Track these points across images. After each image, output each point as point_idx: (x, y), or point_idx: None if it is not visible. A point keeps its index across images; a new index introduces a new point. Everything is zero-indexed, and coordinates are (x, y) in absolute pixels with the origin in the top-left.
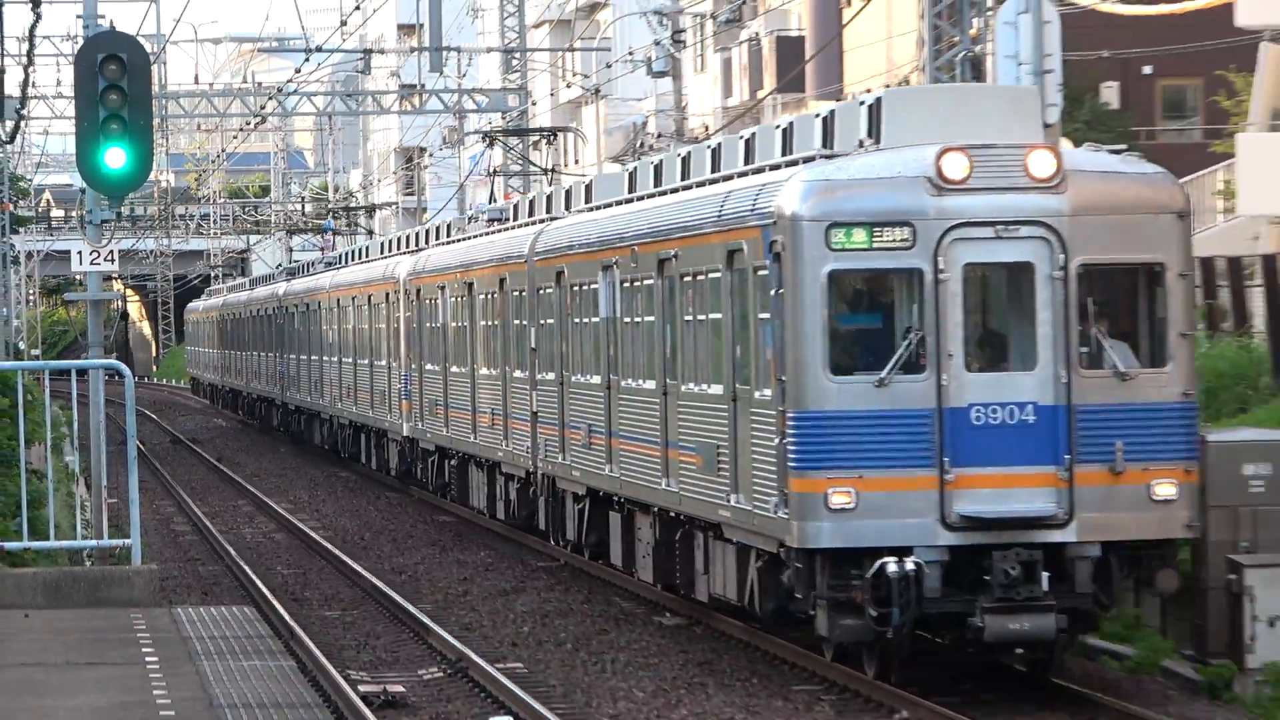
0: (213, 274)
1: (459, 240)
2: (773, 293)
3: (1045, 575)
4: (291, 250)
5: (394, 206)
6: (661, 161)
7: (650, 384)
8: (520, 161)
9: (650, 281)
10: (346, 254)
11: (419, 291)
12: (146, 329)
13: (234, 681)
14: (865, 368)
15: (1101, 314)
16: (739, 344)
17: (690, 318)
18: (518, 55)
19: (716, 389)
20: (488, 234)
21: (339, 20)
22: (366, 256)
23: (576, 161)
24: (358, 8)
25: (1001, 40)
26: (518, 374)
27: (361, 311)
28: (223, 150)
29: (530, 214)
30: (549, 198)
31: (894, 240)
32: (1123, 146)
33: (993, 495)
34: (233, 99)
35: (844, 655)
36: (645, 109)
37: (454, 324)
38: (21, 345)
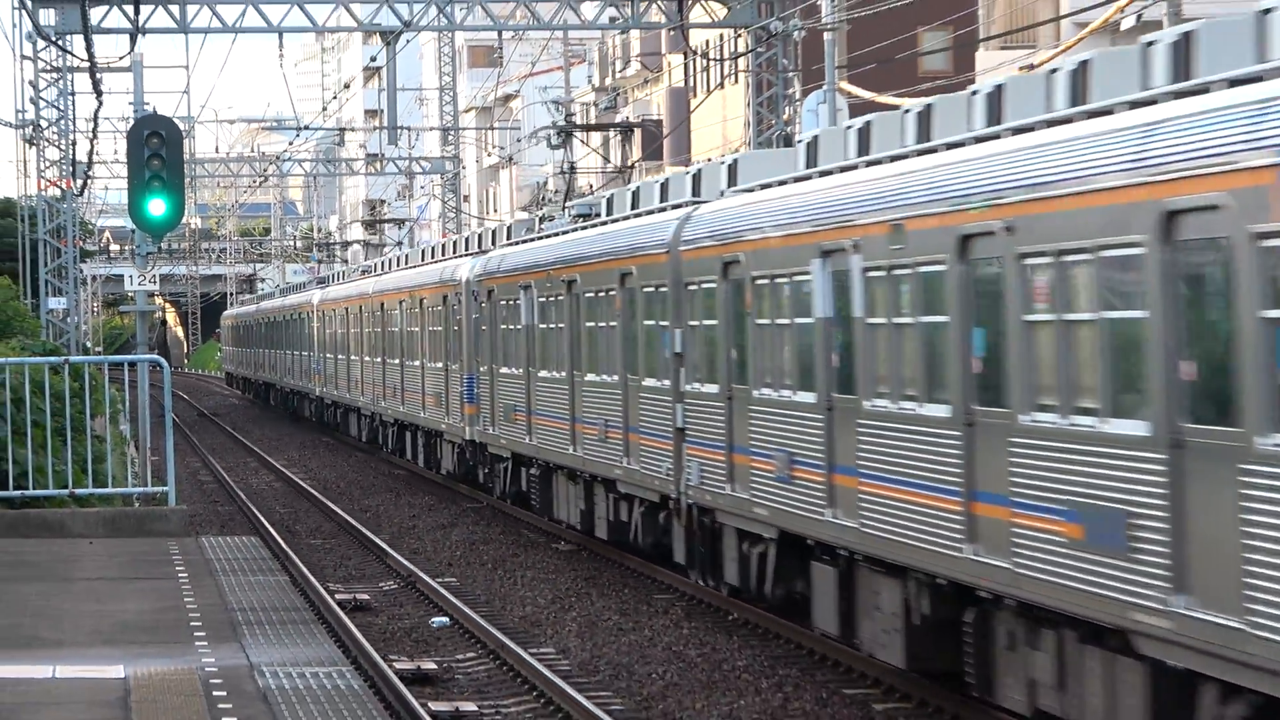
0: (229, 292)
1: (541, 238)
2: None
3: None
4: (320, 262)
5: (362, 242)
6: (868, 125)
7: (936, 409)
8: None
9: (938, 268)
10: (382, 262)
11: (491, 293)
12: (179, 332)
13: (243, 591)
14: None
15: None
16: (1196, 359)
17: (1046, 316)
18: (452, 132)
19: (1129, 427)
20: (585, 228)
21: (321, 106)
22: (407, 263)
23: (495, 210)
24: (335, 97)
25: (806, 123)
26: (649, 382)
27: (411, 314)
28: (236, 201)
29: (634, 205)
30: (664, 185)
31: None
32: None
33: None
34: (243, 163)
35: None
36: (545, 172)
37: (542, 325)
38: (88, 344)
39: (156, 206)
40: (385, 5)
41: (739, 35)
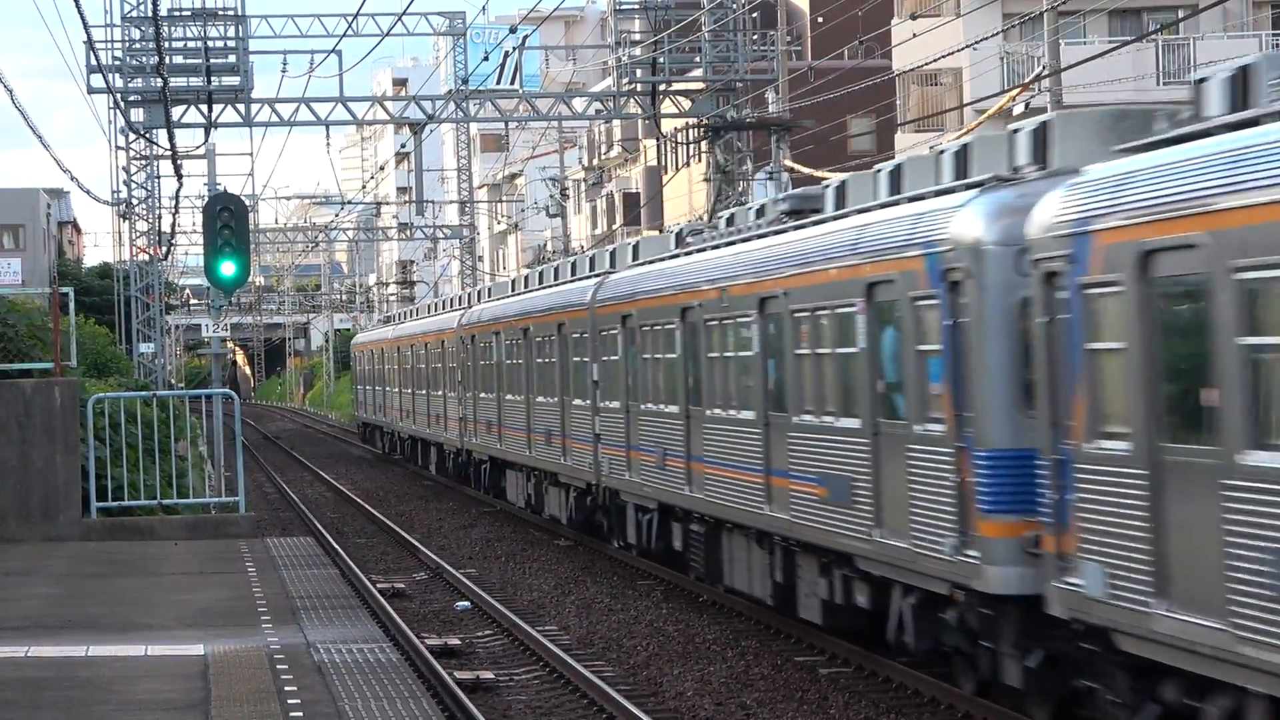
0: (288, 338)
1: (690, 252)
2: None
3: None
4: (386, 311)
5: (395, 295)
6: None
7: None
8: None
9: None
10: (476, 292)
11: (626, 318)
12: (247, 370)
13: (302, 582)
14: None
15: None
16: None
17: None
18: (468, 205)
19: None
20: (784, 231)
21: (361, 185)
22: (496, 295)
23: (504, 269)
24: (372, 178)
25: (757, 192)
26: (925, 430)
27: (511, 347)
28: (292, 263)
29: (876, 195)
30: (937, 159)
31: None
32: None
33: None
34: (297, 232)
35: None
36: (545, 237)
37: (712, 354)
38: (172, 381)
39: (227, 268)
40: (413, 102)
41: (701, 122)
